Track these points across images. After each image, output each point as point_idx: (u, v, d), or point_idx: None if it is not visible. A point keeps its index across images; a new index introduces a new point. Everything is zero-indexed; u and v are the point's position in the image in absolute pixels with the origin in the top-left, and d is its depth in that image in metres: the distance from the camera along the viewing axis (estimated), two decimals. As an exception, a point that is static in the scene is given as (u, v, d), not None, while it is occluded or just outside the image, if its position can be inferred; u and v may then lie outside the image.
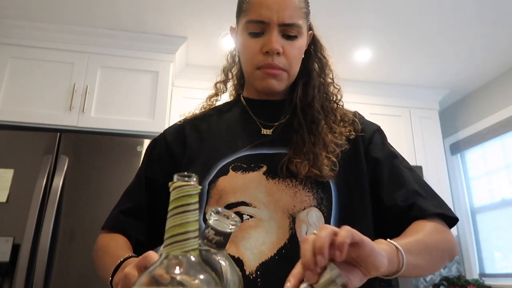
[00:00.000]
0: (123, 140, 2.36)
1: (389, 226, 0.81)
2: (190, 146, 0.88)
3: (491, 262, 3.27)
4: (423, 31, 2.72)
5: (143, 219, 0.86)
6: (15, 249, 1.99)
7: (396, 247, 0.60)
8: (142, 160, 0.94)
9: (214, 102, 0.98)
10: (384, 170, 0.84)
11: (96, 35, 2.70)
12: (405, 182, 0.82)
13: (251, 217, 0.76)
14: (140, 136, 2.44)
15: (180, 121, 0.95)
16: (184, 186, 0.40)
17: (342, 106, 0.94)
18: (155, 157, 0.92)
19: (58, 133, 2.28)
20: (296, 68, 0.88)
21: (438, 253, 0.73)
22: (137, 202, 0.88)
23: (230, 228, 0.50)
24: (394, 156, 0.88)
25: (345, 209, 0.80)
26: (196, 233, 0.40)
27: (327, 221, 0.78)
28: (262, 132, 0.87)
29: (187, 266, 0.38)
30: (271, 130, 0.87)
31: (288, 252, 0.74)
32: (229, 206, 0.77)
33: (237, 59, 0.99)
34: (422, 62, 3.11)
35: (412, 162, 3.21)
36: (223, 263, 0.49)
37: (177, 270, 0.38)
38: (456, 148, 3.63)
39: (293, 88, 0.91)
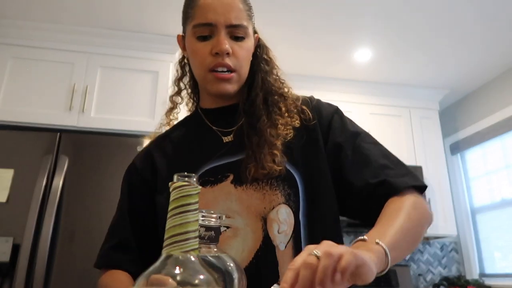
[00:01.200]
0: (123, 140, 2.36)
1: (361, 205, 0.82)
2: (160, 171, 0.88)
3: (491, 262, 3.27)
4: (423, 31, 2.72)
5: (132, 251, 0.86)
6: (15, 249, 1.99)
7: (385, 251, 0.60)
8: (121, 191, 0.94)
9: (176, 116, 0.99)
10: (347, 154, 0.84)
11: (96, 35, 2.70)
12: (371, 159, 0.82)
13: (227, 227, 0.78)
14: (140, 136, 2.44)
15: (147, 145, 0.96)
16: (184, 186, 0.40)
17: (289, 97, 0.92)
18: (131, 187, 0.92)
19: (58, 133, 2.28)
20: (245, 68, 0.88)
21: (419, 232, 0.74)
22: (122, 236, 0.87)
23: (217, 222, 0.53)
24: (355, 135, 0.87)
25: (311, 201, 0.82)
26: (196, 233, 0.40)
27: (296, 216, 0.80)
28: (224, 141, 0.87)
29: (187, 266, 0.38)
30: (231, 136, 0.88)
31: (263, 254, 0.76)
32: None
33: (187, 68, 0.99)
34: (422, 62, 3.11)
35: (412, 162, 3.22)
36: (231, 264, 0.52)
37: (177, 270, 0.38)
38: (456, 148, 3.63)
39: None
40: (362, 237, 0.62)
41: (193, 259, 0.39)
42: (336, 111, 0.93)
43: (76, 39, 2.68)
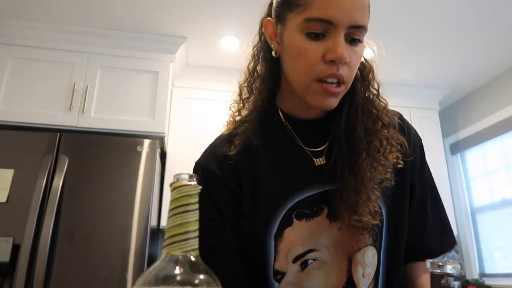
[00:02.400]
0: (123, 140, 2.36)
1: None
2: (246, 189, 0.75)
3: (491, 262, 3.27)
4: (423, 31, 2.72)
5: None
6: (15, 249, 1.99)
7: None
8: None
9: (241, 108, 0.83)
10: (415, 203, 0.81)
11: (96, 35, 2.70)
12: (426, 219, 0.82)
13: (314, 260, 0.73)
14: (140, 136, 2.44)
15: (230, 159, 0.76)
16: (184, 186, 0.40)
17: (389, 126, 0.77)
18: (216, 197, 0.76)
19: (58, 133, 2.28)
20: (352, 79, 0.73)
21: None
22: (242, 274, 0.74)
23: (456, 268, 0.51)
24: (426, 183, 0.84)
25: (391, 242, 0.77)
26: (196, 233, 0.40)
27: (379, 256, 0.76)
28: (316, 164, 0.75)
29: (187, 266, 0.38)
30: (323, 158, 0.76)
31: None
32: (298, 257, 0.73)
33: (269, 59, 0.79)
34: (422, 62, 3.11)
35: (412, 162, 3.21)
36: None
37: (177, 270, 0.38)
38: (456, 148, 3.63)
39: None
40: None
41: (193, 259, 0.39)
42: (422, 145, 0.86)
43: (76, 39, 2.68)
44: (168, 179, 2.75)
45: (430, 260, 0.51)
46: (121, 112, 2.58)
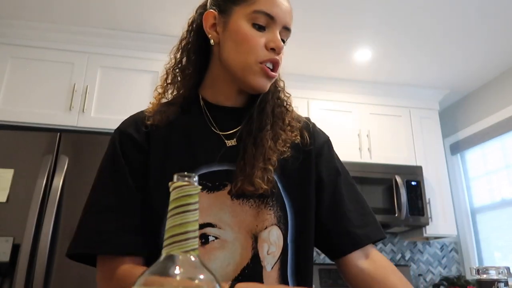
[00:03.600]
0: (123, 140, 2.35)
1: (324, 241, 0.87)
2: (153, 157, 0.80)
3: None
4: (423, 31, 2.72)
5: (144, 232, 0.77)
6: (15, 249, 1.99)
7: None
8: (109, 159, 0.82)
9: (166, 91, 0.92)
10: (326, 190, 0.87)
11: (96, 35, 2.70)
12: (343, 205, 0.87)
13: (216, 238, 0.76)
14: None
15: (146, 127, 0.83)
16: (184, 186, 0.40)
17: (292, 110, 0.92)
18: (127, 154, 0.81)
19: (58, 133, 2.28)
20: None
21: None
22: (130, 212, 0.77)
23: (503, 273, 0.53)
24: (337, 173, 0.90)
25: (300, 228, 0.82)
26: (196, 233, 0.40)
27: (285, 239, 0.80)
28: (227, 145, 0.83)
29: (187, 266, 0.38)
30: (234, 140, 0.84)
31: (250, 272, 0.75)
32: None
33: (203, 47, 0.88)
34: (422, 62, 3.11)
35: (412, 162, 3.22)
36: None
37: (177, 270, 0.38)
38: (456, 148, 3.63)
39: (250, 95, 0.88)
40: None
41: (193, 259, 0.39)
42: (328, 141, 0.95)
43: (76, 39, 2.68)
44: (168, 179, 2.75)
45: (475, 267, 0.53)
46: (121, 112, 2.58)
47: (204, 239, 0.75)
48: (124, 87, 2.64)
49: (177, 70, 0.91)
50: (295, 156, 0.86)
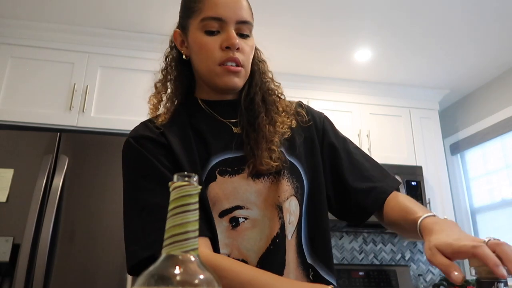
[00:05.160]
0: (123, 140, 2.33)
1: (349, 203, 0.92)
2: (174, 151, 0.82)
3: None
4: (423, 31, 2.72)
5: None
6: (15, 249, 1.99)
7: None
8: (140, 172, 0.81)
9: (160, 101, 0.95)
10: (342, 156, 0.95)
11: (96, 35, 2.70)
12: (360, 164, 0.95)
13: (246, 219, 0.80)
14: (140, 136, 2.44)
15: (158, 128, 0.87)
16: (184, 186, 0.40)
17: (284, 99, 0.97)
18: (157, 156, 0.82)
19: (58, 133, 2.28)
20: (249, 66, 0.89)
21: None
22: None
23: None
24: (344, 140, 0.98)
25: (312, 195, 0.88)
26: (196, 233, 0.40)
27: (300, 208, 0.85)
28: (234, 131, 0.88)
29: (187, 266, 0.38)
30: (238, 128, 0.89)
31: (280, 240, 0.80)
32: (224, 213, 0.79)
33: (178, 62, 0.95)
34: (422, 62, 3.11)
35: (412, 162, 3.22)
36: None
37: (177, 270, 0.38)
38: (456, 148, 3.63)
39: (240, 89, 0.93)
40: (432, 214, 0.75)
41: (193, 259, 0.39)
42: (326, 117, 1.02)
43: (76, 39, 2.68)
44: (168, 179, 2.75)
45: (476, 267, 0.54)
46: (121, 112, 2.58)
47: (234, 222, 0.79)
48: (124, 87, 2.64)
49: (167, 81, 0.96)
50: (297, 133, 0.92)
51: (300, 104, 1.00)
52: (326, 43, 2.89)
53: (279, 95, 0.96)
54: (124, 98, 2.61)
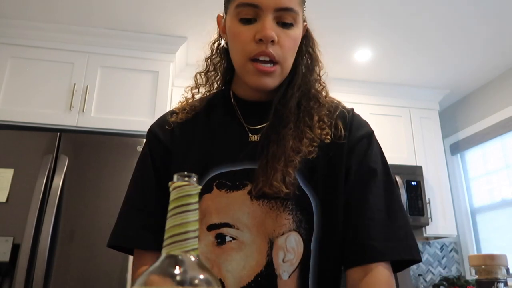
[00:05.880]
0: (123, 140, 2.36)
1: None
2: (175, 153, 0.81)
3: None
4: (423, 31, 2.72)
5: (161, 230, 0.80)
6: (15, 249, 1.99)
7: None
8: (141, 160, 0.85)
9: (196, 93, 0.90)
10: (351, 191, 0.76)
11: (96, 35, 2.70)
12: (364, 212, 0.74)
13: (233, 239, 0.73)
14: (140, 136, 2.44)
15: (169, 125, 0.84)
16: (184, 186, 0.40)
17: (324, 105, 0.84)
18: (154, 156, 0.83)
19: (58, 133, 2.28)
20: (290, 61, 0.78)
21: None
22: (151, 211, 0.78)
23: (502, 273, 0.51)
24: (371, 174, 0.77)
25: (327, 230, 0.75)
26: (196, 233, 0.40)
27: (307, 244, 0.74)
28: (249, 139, 0.79)
29: (187, 266, 0.38)
30: (258, 136, 0.79)
31: (264, 280, 0.72)
32: (212, 227, 0.74)
33: (221, 51, 0.88)
34: (422, 62, 3.11)
35: (412, 162, 3.21)
36: None
37: (177, 270, 0.38)
38: (456, 148, 3.63)
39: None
40: None
41: (193, 259, 0.39)
42: (370, 135, 0.85)
43: (76, 39, 2.68)
44: (168, 179, 2.75)
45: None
46: (121, 112, 2.58)
47: (220, 239, 0.73)
48: (124, 87, 2.64)
49: (208, 71, 0.89)
50: (323, 153, 0.77)
51: (344, 114, 0.84)
52: (326, 42, 2.88)
53: (320, 100, 0.83)
54: (124, 98, 2.61)
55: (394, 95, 3.42)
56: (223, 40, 0.87)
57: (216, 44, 0.89)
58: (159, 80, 2.69)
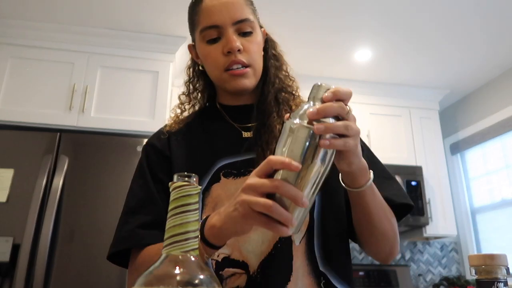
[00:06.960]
0: (123, 140, 2.36)
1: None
2: (176, 157, 0.87)
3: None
4: (423, 31, 2.72)
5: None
6: (15, 249, 1.99)
7: (369, 170, 0.70)
8: (139, 169, 0.90)
9: (183, 110, 0.99)
10: None
11: (96, 35, 2.70)
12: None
13: None
14: (140, 136, 2.44)
15: (164, 128, 0.94)
16: (184, 186, 0.40)
17: (298, 96, 0.95)
18: (152, 164, 0.89)
19: (58, 133, 2.28)
20: (259, 62, 0.89)
21: (387, 221, 0.81)
22: (155, 212, 0.82)
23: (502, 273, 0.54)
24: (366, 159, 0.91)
25: (325, 202, 0.84)
26: (196, 233, 0.40)
27: (311, 214, 0.82)
28: (243, 136, 0.89)
29: (187, 266, 0.38)
30: (251, 133, 0.89)
31: (282, 245, 0.79)
32: None
33: (198, 73, 0.99)
34: (422, 62, 3.11)
35: (412, 162, 3.21)
36: None
37: (177, 270, 0.38)
38: (456, 148, 3.63)
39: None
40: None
41: (193, 259, 0.39)
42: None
43: (76, 39, 2.68)
44: (168, 179, 2.75)
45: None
46: (121, 112, 2.58)
47: None
48: (124, 87, 2.64)
49: (189, 92, 0.99)
50: None
51: None
52: (326, 42, 2.88)
53: (293, 92, 0.94)
54: (124, 98, 2.61)
55: (394, 95, 3.42)
56: (197, 65, 0.98)
57: (191, 69, 1.00)
58: (159, 80, 2.69)
